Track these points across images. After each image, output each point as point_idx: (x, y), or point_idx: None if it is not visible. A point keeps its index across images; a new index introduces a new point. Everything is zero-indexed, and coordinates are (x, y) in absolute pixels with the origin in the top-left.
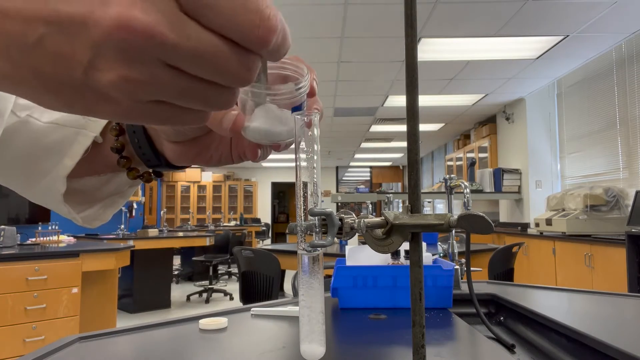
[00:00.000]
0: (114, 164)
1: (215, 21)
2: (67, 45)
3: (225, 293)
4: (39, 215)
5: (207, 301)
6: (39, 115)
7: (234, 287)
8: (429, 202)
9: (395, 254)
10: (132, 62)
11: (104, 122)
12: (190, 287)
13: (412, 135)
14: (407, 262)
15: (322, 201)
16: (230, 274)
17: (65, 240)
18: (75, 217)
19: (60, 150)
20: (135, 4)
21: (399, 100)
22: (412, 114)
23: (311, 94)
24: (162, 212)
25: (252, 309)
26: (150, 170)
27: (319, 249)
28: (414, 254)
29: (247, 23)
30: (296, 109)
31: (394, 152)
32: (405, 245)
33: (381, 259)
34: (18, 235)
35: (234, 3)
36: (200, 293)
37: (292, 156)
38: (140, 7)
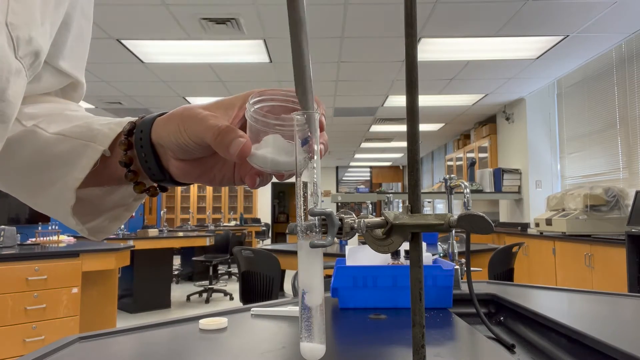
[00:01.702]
0: (120, 177)
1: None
2: None
3: (225, 293)
4: (39, 215)
5: (207, 301)
6: (46, 126)
7: (234, 287)
8: (429, 202)
9: (395, 254)
10: None
11: (112, 135)
12: (190, 287)
13: (412, 135)
14: (407, 262)
15: (322, 201)
16: (230, 274)
17: (65, 240)
18: (82, 229)
19: (68, 162)
20: None
21: (399, 100)
22: (412, 114)
23: (319, 128)
24: (162, 212)
25: (252, 309)
26: (156, 185)
27: None
28: (414, 254)
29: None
30: (303, 142)
31: (394, 152)
32: (405, 245)
33: (381, 259)
34: (18, 235)
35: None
36: (200, 293)
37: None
38: None
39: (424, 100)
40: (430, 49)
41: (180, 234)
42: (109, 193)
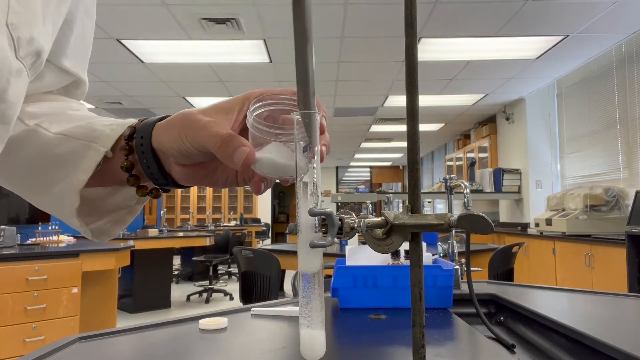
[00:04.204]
0: (122, 179)
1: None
2: None
3: (225, 293)
4: (39, 215)
5: (207, 301)
6: (48, 125)
7: (234, 287)
8: (429, 202)
9: (395, 254)
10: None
11: (114, 136)
12: (190, 287)
13: (412, 135)
14: (407, 262)
15: (322, 201)
16: (230, 274)
17: (65, 240)
18: (85, 230)
19: (70, 162)
20: None
21: (399, 100)
22: (412, 114)
23: (320, 131)
24: (162, 212)
25: (252, 309)
26: (158, 187)
27: None
28: (414, 254)
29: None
30: (304, 147)
31: (394, 152)
32: (405, 245)
33: (381, 259)
34: (18, 235)
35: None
36: (200, 293)
37: None
38: None
39: (424, 100)
40: (430, 49)
41: (180, 234)
42: (111, 194)
